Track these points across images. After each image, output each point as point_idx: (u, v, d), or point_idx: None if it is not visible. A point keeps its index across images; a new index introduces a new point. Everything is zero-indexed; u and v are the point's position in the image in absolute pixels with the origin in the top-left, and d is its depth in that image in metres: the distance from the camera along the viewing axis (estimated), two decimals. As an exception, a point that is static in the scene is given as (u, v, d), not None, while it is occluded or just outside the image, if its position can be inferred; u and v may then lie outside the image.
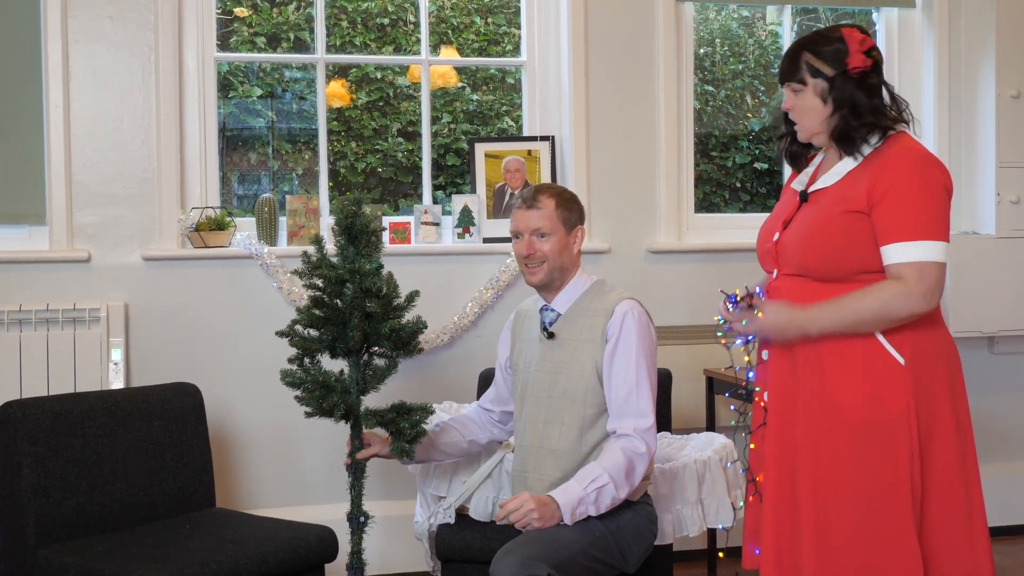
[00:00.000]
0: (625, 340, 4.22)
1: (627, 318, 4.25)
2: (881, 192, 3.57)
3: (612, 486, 4.03)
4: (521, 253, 4.30)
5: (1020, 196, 6.35)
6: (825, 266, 3.69)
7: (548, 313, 4.38)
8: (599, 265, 6.07)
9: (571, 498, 4.00)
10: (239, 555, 4.32)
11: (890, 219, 3.56)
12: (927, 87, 6.60)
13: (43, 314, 5.47)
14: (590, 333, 4.28)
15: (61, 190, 5.61)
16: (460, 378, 5.95)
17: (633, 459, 4.10)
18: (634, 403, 4.18)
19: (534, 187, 4.39)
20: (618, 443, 4.14)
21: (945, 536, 3.62)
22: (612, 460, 4.08)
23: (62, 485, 4.52)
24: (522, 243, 4.29)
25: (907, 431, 3.55)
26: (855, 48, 3.68)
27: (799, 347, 3.71)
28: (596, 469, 4.06)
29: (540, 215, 4.28)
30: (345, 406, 4.29)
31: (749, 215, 6.94)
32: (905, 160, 3.60)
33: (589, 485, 4.02)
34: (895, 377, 3.59)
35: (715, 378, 5.97)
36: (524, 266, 4.34)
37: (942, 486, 3.61)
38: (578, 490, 4.01)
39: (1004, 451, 6.75)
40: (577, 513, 4.01)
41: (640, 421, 4.16)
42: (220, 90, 6.16)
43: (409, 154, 7.32)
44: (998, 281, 6.40)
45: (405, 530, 5.64)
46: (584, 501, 4.01)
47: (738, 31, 7.55)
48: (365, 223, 4.35)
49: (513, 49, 7.25)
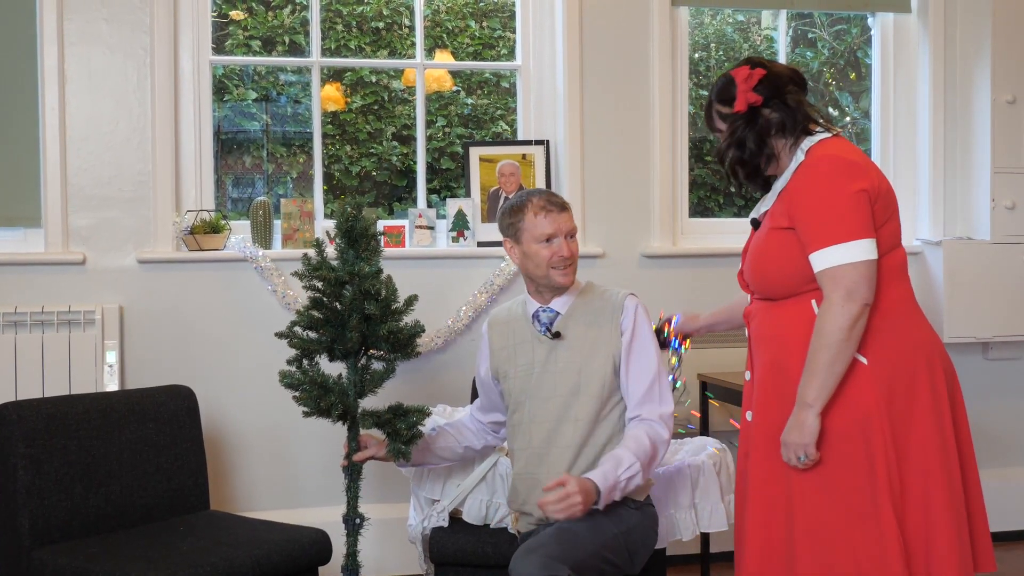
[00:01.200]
0: (640, 331, 4.29)
1: (638, 310, 4.32)
2: (795, 206, 3.68)
3: (641, 472, 4.06)
4: (561, 254, 4.27)
5: (1015, 202, 6.35)
6: (774, 286, 3.80)
7: (547, 314, 4.37)
8: (594, 269, 6.07)
9: (609, 484, 3.99)
10: (233, 557, 4.32)
11: (803, 231, 3.66)
12: (922, 92, 6.61)
13: (38, 316, 5.47)
14: (602, 328, 4.30)
15: (56, 192, 5.61)
16: (454, 381, 5.95)
17: (657, 445, 4.14)
18: (657, 391, 4.24)
19: (543, 192, 4.39)
20: (642, 427, 4.16)
21: (928, 528, 3.64)
22: (640, 445, 4.09)
23: (57, 487, 4.52)
24: (560, 245, 4.27)
25: (879, 430, 3.58)
26: (742, 88, 3.83)
27: (781, 363, 3.74)
28: (628, 456, 4.06)
29: (571, 217, 4.34)
30: (342, 407, 4.31)
31: (743, 220, 6.93)
32: (810, 171, 3.71)
33: (624, 472, 4.02)
34: (859, 378, 3.62)
35: (709, 382, 5.97)
36: (557, 268, 4.29)
37: (921, 481, 3.63)
38: (614, 476, 4.01)
39: (999, 457, 6.76)
40: (611, 498, 4.02)
41: (664, 408, 4.22)
42: (215, 93, 6.16)
43: (404, 158, 7.33)
44: (993, 287, 6.41)
45: (399, 533, 5.63)
46: (618, 487, 4.02)
47: (733, 36, 7.57)
48: (365, 226, 4.38)
49: (508, 53, 7.27)
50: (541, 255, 4.28)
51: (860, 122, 7.32)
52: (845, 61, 7.48)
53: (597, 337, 4.29)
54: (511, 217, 4.35)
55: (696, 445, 5.10)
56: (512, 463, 4.43)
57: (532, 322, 4.40)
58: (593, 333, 4.30)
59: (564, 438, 4.25)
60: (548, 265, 4.28)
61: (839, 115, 7.55)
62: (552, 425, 4.27)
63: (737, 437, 4.23)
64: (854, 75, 7.46)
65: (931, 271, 6.44)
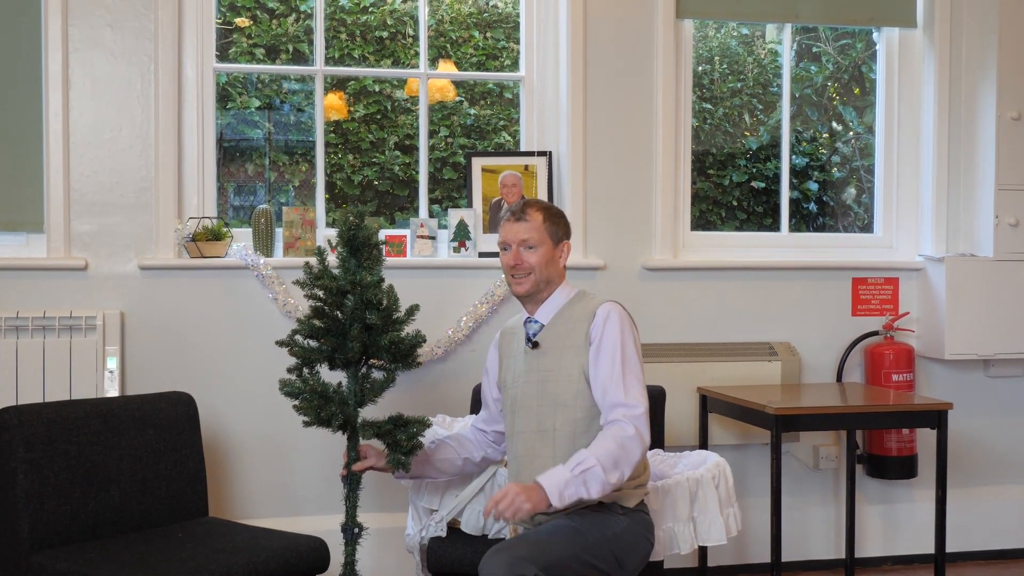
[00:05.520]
0: (608, 338, 4.25)
1: (610, 318, 4.29)
2: None
3: (599, 468, 3.99)
4: (508, 263, 4.36)
5: (1019, 219, 6.35)
6: None
7: (532, 325, 4.40)
8: (594, 281, 6.07)
9: (557, 480, 3.98)
10: (231, 564, 4.31)
11: None
12: (927, 107, 6.61)
13: (40, 321, 5.47)
14: (573, 338, 4.30)
15: (59, 198, 5.61)
16: (454, 392, 5.95)
17: (623, 442, 4.08)
18: (620, 394, 4.18)
19: (523, 201, 4.46)
20: (607, 430, 4.14)
21: None
22: (600, 444, 4.07)
23: (56, 491, 4.52)
24: (509, 254, 4.35)
25: None
26: None
27: None
28: (583, 453, 4.05)
29: (528, 227, 4.34)
30: (343, 417, 4.31)
31: (745, 234, 6.96)
32: None
33: (576, 467, 4.00)
34: None
35: (709, 396, 5.97)
36: (510, 277, 4.38)
37: None
38: (564, 472, 4.00)
39: (1000, 475, 6.76)
40: (566, 496, 3.97)
41: (629, 409, 4.16)
42: (218, 100, 6.15)
43: (406, 167, 7.32)
44: (995, 304, 6.40)
45: (397, 542, 5.63)
46: (571, 483, 3.98)
47: (737, 49, 7.57)
48: (367, 235, 4.39)
49: (512, 64, 7.26)
50: (502, 263, 4.41)
51: (864, 137, 7.32)
52: (849, 76, 7.48)
53: (570, 347, 4.31)
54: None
55: (695, 458, 5.10)
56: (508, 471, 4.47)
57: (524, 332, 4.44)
58: (567, 343, 4.32)
59: (544, 448, 4.27)
60: (508, 274, 4.36)
61: (842, 130, 7.55)
62: (533, 436, 4.31)
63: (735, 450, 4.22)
64: (858, 90, 7.46)
65: (933, 287, 6.43)
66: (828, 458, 6.44)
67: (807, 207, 7.55)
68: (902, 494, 6.61)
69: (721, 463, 4.94)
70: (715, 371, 6.16)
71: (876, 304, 6.55)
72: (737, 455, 6.22)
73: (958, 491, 6.44)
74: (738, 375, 6.16)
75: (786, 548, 5.74)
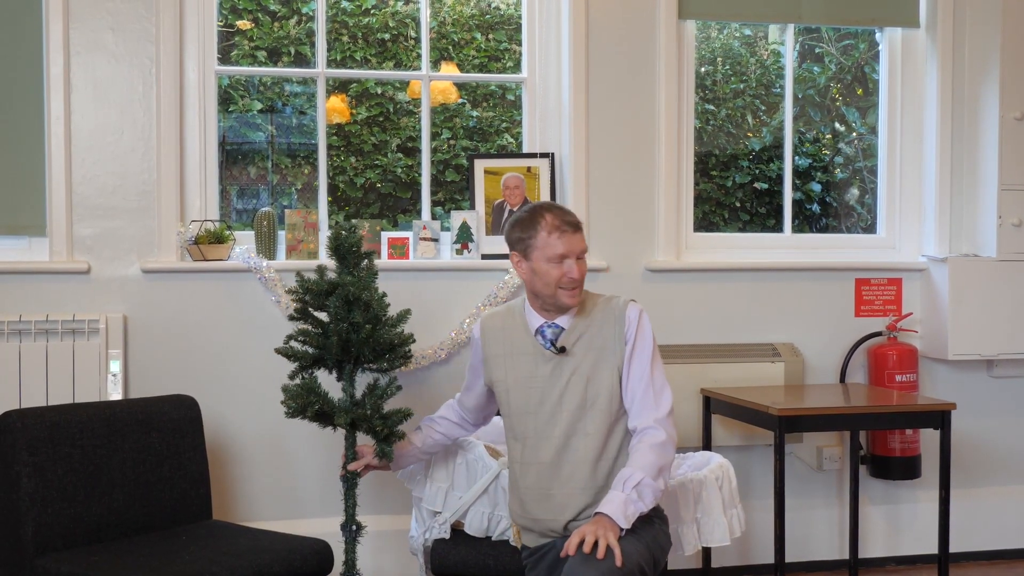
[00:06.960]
0: (641, 340, 4.28)
1: (642, 319, 4.30)
2: None
3: (648, 479, 4.03)
4: (572, 276, 4.23)
5: (1022, 219, 6.34)
6: None
7: (552, 329, 4.35)
8: (597, 283, 6.06)
9: (615, 504, 3.98)
10: (235, 567, 4.31)
11: None
12: (930, 107, 6.60)
13: (42, 325, 5.47)
14: (602, 339, 4.29)
15: (61, 201, 5.61)
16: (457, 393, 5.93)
17: (659, 448, 4.12)
18: (652, 397, 4.22)
19: (556, 208, 4.34)
20: (640, 440, 4.16)
21: None
22: (638, 457, 4.10)
23: (60, 495, 4.52)
24: (573, 267, 4.23)
25: None
26: None
27: None
28: (627, 470, 4.07)
29: (583, 237, 4.30)
30: (319, 405, 4.42)
31: (748, 235, 6.95)
32: None
33: (626, 485, 4.02)
34: None
35: (712, 397, 5.96)
36: (565, 289, 4.26)
37: None
38: (617, 495, 4.00)
39: (1003, 475, 6.75)
40: (629, 514, 3.98)
41: (659, 412, 4.20)
42: (220, 103, 6.16)
43: (408, 170, 7.32)
44: (998, 304, 6.40)
45: (400, 544, 5.63)
46: (629, 501, 3.99)
47: (740, 50, 7.57)
48: (353, 243, 4.59)
49: (514, 66, 7.26)
50: (551, 275, 4.24)
51: (867, 138, 7.31)
52: (852, 76, 7.47)
53: (602, 349, 4.28)
54: (522, 232, 4.30)
55: (699, 460, 5.09)
56: (517, 477, 4.38)
57: (535, 337, 4.38)
58: (598, 345, 4.29)
59: (577, 453, 4.24)
60: (556, 285, 4.24)
61: (845, 130, 7.55)
62: (562, 440, 4.26)
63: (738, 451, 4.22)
64: (861, 90, 7.45)
65: (936, 288, 6.43)
66: (831, 459, 6.44)
67: (810, 208, 7.54)
68: (906, 495, 6.60)
69: (724, 464, 4.94)
70: (718, 372, 6.15)
71: (879, 305, 6.54)
72: (740, 456, 6.22)
73: (961, 491, 6.44)
74: (741, 376, 6.16)
75: (790, 549, 5.74)
